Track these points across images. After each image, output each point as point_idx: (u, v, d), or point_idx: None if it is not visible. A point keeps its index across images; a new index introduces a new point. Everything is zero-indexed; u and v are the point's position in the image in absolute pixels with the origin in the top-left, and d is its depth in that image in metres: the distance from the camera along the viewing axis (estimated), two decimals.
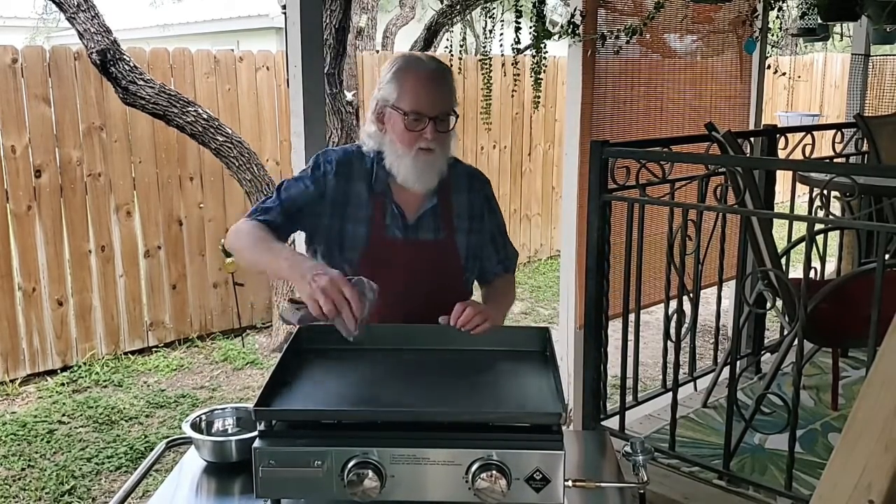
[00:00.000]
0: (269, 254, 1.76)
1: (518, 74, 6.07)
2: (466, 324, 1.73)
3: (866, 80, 5.37)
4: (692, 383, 3.19)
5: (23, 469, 3.73)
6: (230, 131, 5.13)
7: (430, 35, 7.39)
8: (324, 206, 1.92)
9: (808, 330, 2.38)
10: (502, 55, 4.11)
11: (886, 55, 5.81)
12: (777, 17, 4.41)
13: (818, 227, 3.06)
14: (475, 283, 2.11)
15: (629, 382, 2.77)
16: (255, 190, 5.19)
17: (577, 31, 3.31)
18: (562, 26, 3.39)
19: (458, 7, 6.47)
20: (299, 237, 2.14)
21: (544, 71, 3.60)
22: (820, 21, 4.52)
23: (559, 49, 4.12)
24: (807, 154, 3.33)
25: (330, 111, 4.96)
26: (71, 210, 4.94)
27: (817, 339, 2.78)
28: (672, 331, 2.71)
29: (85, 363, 4.96)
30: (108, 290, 5.12)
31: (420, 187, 1.91)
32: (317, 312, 1.55)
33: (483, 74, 3.84)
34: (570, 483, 1.36)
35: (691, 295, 2.69)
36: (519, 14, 3.58)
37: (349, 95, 5.19)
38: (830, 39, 5.56)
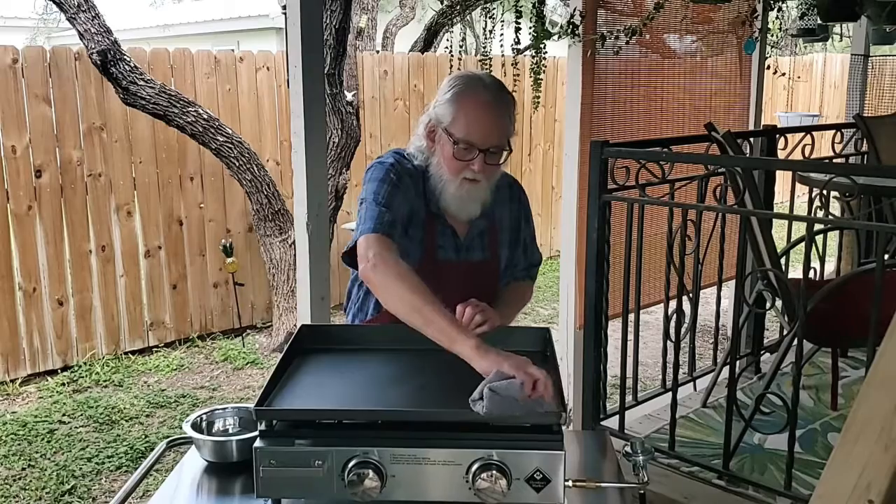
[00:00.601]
0: (442, 319, 1.58)
1: (518, 75, 6.06)
2: (468, 324, 1.72)
3: (866, 80, 5.38)
4: (692, 383, 3.19)
5: (23, 469, 3.73)
6: (230, 131, 5.13)
7: (430, 35, 7.40)
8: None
9: (807, 330, 2.39)
10: (502, 55, 4.12)
11: (886, 55, 5.82)
12: (777, 17, 4.41)
13: (818, 227, 3.06)
14: None
15: (629, 382, 2.77)
16: (255, 190, 5.20)
17: (576, 32, 3.31)
18: (561, 27, 3.39)
19: (457, 7, 6.47)
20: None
21: (544, 71, 3.61)
22: (819, 21, 4.53)
23: (559, 49, 4.13)
24: (806, 154, 3.33)
25: (330, 111, 4.96)
26: (71, 210, 4.94)
27: (817, 339, 2.78)
28: (672, 331, 2.71)
29: (85, 363, 4.96)
30: (108, 290, 5.12)
31: (462, 216, 1.87)
32: (530, 388, 1.42)
33: None
34: (570, 483, 1.37)
35: (691, 295, 2.69)
36: (519, 14, 3.58)
37: (349, 96, 5.20)
38: (830, 40, 5.58)
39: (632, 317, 2.69)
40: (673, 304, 2.72)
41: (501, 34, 3.86)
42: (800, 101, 10.48)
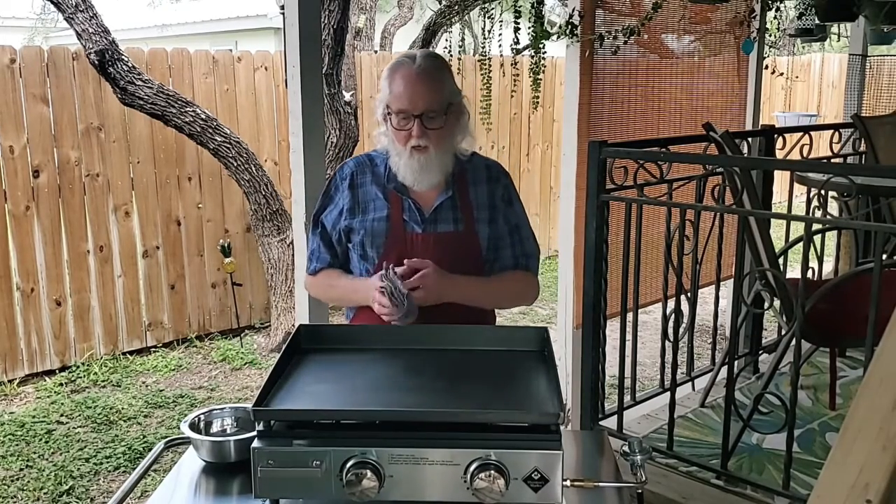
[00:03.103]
0: (350, 290, 2.04)
1: (517, 75, 6.07)
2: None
3: (863, 80, 5.38)
4: (690, 383, 3.20)
5: (21, 469, 3.73)
6: (228, 131, 5.13)
7: (429, 35, 7.39)
8: (346, 216, 2.02)
9: (805, 330, 2.39)
10: (501, 55, 4.11)
11: (883, 55, 5.83)
12: (775, 17, 4.41)
13: (816, 227, 3.07)
14: None
15: (627, 382, 2.78)
16: (253, 190, 5.19)
17: (575, 32, 3.31)
18: (560, 27, 3.39)
19: (456, 7, 6.47)
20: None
21: (543, 71, 3.60)
22: (817, 21, 4.53)
23: (558, 49, 4.13)
24: (804, 154, 3.33)
25: (328, 111, 4.96)
26: (69, 210, 4.94)
27: (815, 339, 2.78)
28: (670, 330, 2.71)
29: (83, 363, 4.95)
30: (106, 291, 5.11)
31: (419, 187, 1.96)
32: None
33: (482, 75, 3.84)
34: (568, 483, 1.37)
35: (689, 295, 2.69)
36: (517, 14, 3.58)
37: (347, 96, 5.19)
38: (828, 40, 5.57)
39: (630, 316, 2.69)
40: (671, 304, 2.72)
41: (500, 34, 3.86)
42: (798, 101, 10.49)
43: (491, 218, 2.02)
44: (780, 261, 2.91)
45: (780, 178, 3.82)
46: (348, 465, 1.32)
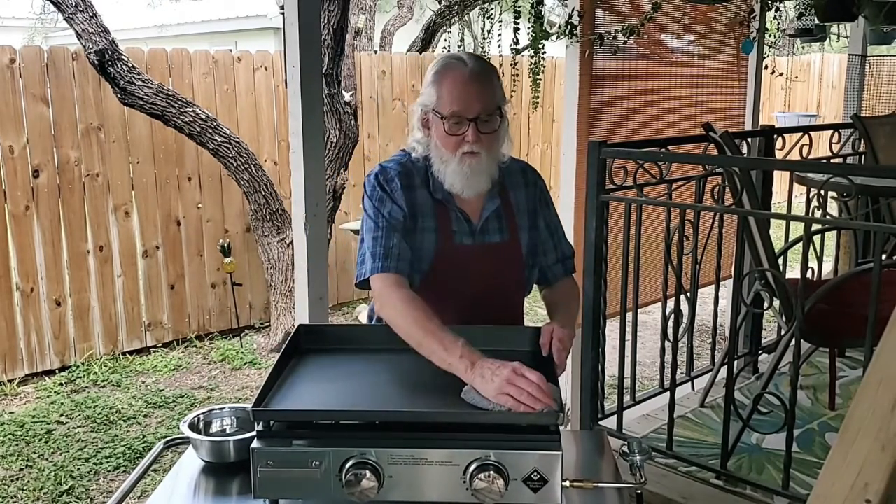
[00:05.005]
0: (438, 345, 1.61)
1: (517, 75, 6.05)
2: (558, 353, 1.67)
3: (863, 80, 5.38)
4: (690, 383, 3.20)
5: (21, 469, 3.73)
6: (228, 131, 5.13)
7: (429, 35, 7.40)
8: (405, 216, 1.86)
9: (805, 330, 2.39)
10: (500, 56, 4.11)
11: (883, 55, 5.83)
12: (774, 17, 4.41)
13: (815, 227, 3.07)
14: (535, 283, 2.06)
15: (627, 382, 2.78)
16: (253, 190, 5.19)
17: (574, 32, 3.31)
18: (560, 27, 3.39)
19: (456, 7, 6.48)
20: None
21: (542, 71, 3.61)
22: (817, 21, 4.53)
23: (557, 49, 4.13)
24: (804, 154, 3.33)
25: (328, 111, 4.96)
26: (69, 210, 4.93)
27: (814, 339, 2.78)
28: (669, 330, 2.72)
29: (83, 363, 4.95)
30: (106, 291, 5.11)
31: (468, 193, 1.86)
32: (511, 404, 1.45)
33: None
34: (567, 483, 1.37)
35: (689, 295, 2.69)
36: (517, 14, 3.58)
37: (347, 96, 5.19)
38: (827, 40, 5.58)
39: (630, 316, 2.69)
40: (671, 304, 2.72)
41: (500, 34, 3.86)
42: (797, 102, 10.49)
43: (531, 224, 1.98)
44: (780, 261, 2.91)
45: (780, 178, 3.82)
46: (348, 465, 1.33)
